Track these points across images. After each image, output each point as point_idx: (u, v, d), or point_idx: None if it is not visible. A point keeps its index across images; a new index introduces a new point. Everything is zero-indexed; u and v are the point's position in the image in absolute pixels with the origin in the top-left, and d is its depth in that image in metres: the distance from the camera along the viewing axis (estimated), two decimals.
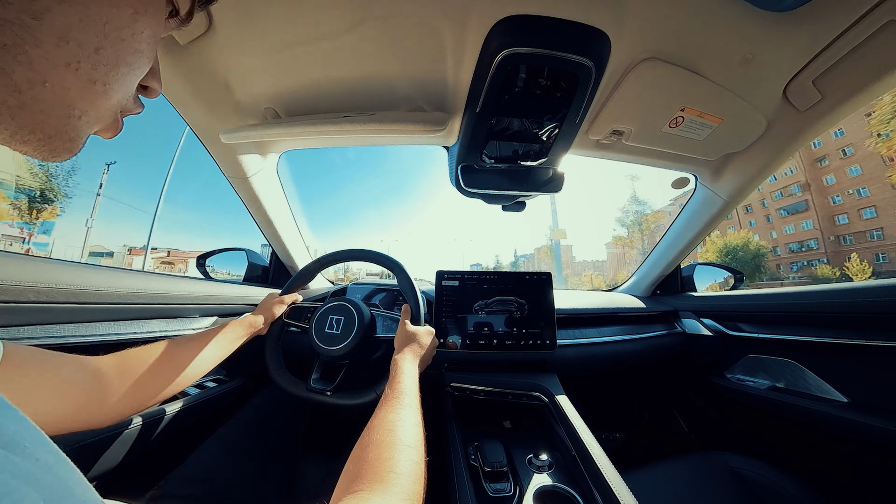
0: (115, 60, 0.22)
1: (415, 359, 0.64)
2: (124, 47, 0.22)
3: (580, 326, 1.09)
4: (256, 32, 0.59)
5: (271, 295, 0.82)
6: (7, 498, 0.12)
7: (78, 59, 0.20)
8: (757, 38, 0.56)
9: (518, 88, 0.61)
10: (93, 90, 0.22)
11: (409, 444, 0.40)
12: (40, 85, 0.20)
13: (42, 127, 0.21)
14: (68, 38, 0.19)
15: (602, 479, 0.55)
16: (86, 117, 0.23)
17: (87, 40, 0.20)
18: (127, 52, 0.23)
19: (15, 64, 0.18)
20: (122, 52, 0.22)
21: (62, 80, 0.20)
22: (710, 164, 0.95)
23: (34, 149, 0.22)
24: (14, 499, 0.12)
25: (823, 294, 0.85)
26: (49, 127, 0.21)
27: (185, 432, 0.74)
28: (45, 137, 0.22)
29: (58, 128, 0.22)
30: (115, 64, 0.22)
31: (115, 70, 0.23)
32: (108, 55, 0.22)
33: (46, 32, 0.19)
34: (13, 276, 0.47)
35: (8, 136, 0.21)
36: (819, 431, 0.83)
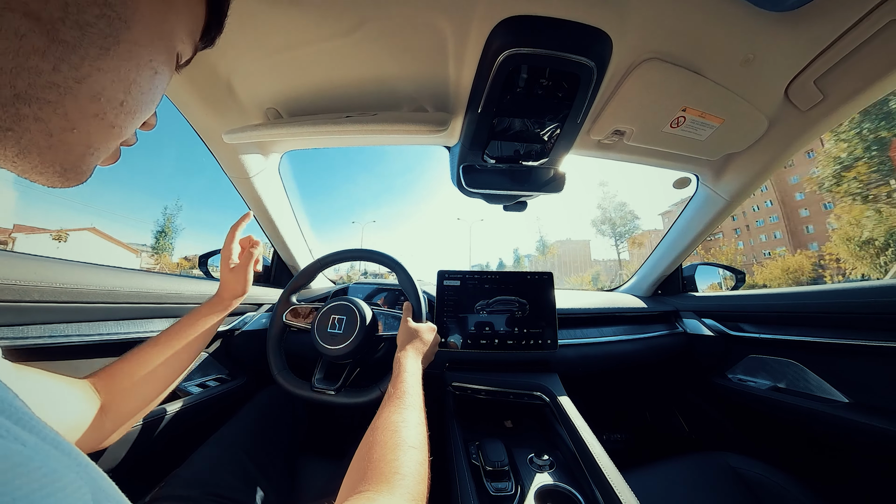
0: (134, 110, 0.26)
1: (417, 356, 0.64)
2: (143, 99, 0.26)
3: (581, 326, 1.09)
4: (259, 34, 0.59)
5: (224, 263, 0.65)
6: (63, 491, 0.13)
7: (105, 111, 0.24)
8: (758, 38, 0.56)
9: (520, 88, 0.61)
10: (111, 133, 0.26)
11: (413, 445, 0.41)
12: (69, 131, 0.23)
13: (61, 162, 0.24)
14: (101, 96, 0.23)
15: (603, 479, 0.55)
16: (97, 153, 0.26)
17: (115, 97, 0.24)
18: (146, 102, 0.27)
19: (53, 116, 0.22)
20: (140, 102, 0.26)
21: (88, 126, 0.24)
22: (711, 164, 0.95)
23: (48, 179, 0.25)
24: (70, 491, 0.13)
25: (825, 294, 0.85)
26: (68, 163, 0.24)
27: (186, 432, 0.74)
28: (61, 171, 0.24)
29: (74, 163, 0.25)
30: (133, 112, 0.26)
31: (132, 116, 0.26)
32: (129, 106, 0.25)
33: (84, 93, 0.22)
34: (17, 276, 0.47)
35: (29, 168, 0.23)
36: (820, 432, 0.83)
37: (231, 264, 0.65)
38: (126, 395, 0.48)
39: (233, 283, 0.64)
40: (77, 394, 0.42)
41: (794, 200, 48.26)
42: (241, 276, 0.65)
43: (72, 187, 0.28)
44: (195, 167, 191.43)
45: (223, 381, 0.88)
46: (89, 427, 0.41)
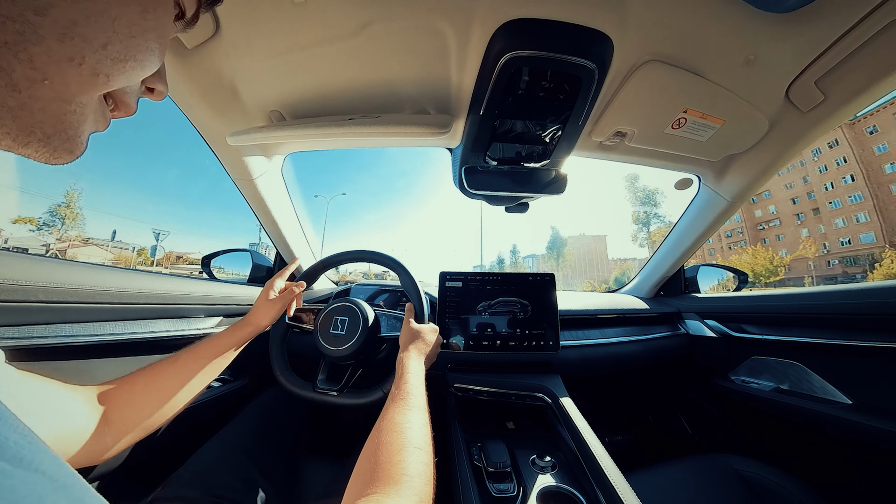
0: (124, 56, 0.22)
1: (420, 356, 0.64)
2: (134, 44, 0.22)
3: (583, 328, 1.09)
4: (262, 36, 0.59)
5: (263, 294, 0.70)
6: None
7: (83, 54, 0.19)
8: (759, 40, 0.57)
9: (521, 91, 0.61)
10: (94, 82, 0.21)
11: (419, 446, 0.41)
12: (40, 83, 0.19)
13: (41, 126, 0.20)
14: (73, 33, 0.19)
15: (605, 480, 0.55)
16: (81, 110, 0.22)
17: (93, 36, 0.19)
18: (137, 48, 0.22)
19: (15, 62, 0.18)
20: (132, 48, 0.22)
21: (63, 75, 0.19)
22: (713, 165, 0.95)
23: (35, 150, 0.21)
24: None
25: (828, 295, 0.84)
26: (47, 126, 0.21)
27: (188, 432, 0.74)
28: (44, 137, 0.21)
29: (55, 126, 0.21)
30: (123, 59, 0.22)
31: (122, 64, 0.22)
32: (116, 51, 0.21)
33: (49, 28, 0.18)
34: (23, 277, 0.48)
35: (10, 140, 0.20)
36: (823, 433, 0.82)
37: (271, 295, 0.70)
38: (133, 409, 0.46)
39: (263, 312, 0.68)
40: (79, 403, 0.40)
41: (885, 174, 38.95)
42: (275, 308, 0.69)
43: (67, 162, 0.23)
44: (195, 168, 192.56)
45: (225, 382, 0.89)
46: (89, 439, 0.40)
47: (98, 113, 0.24)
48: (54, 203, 40.64)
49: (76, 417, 0.39)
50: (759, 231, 52.49)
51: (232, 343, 0.62)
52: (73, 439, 0.38)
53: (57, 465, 0.16)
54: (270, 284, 0.71)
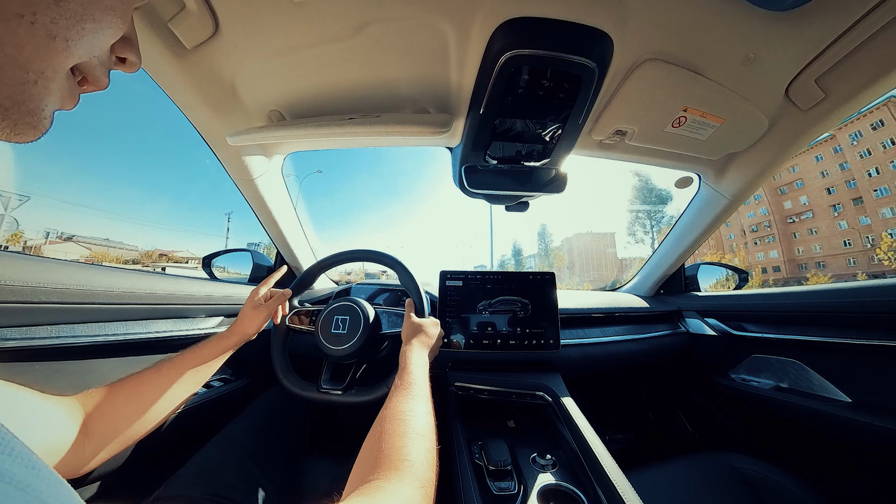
0: (80, 14, 0.19)
1: (423, 348, 0.64)
2: (91, 2, 0.20)
3: (583, 326, 1.09)
4: (262, 36, 0.59)
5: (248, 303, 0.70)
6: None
7: (33, 9, 0.17)
8: (759, 38, 0.56)
9: (521, 89, 0.61)
10: (51, 46, 0.19)
11: (421, 433, 0.41)
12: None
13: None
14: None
15: (606, 478, 0.55)
16: (43, 81, 0.20)
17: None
18: (95, 6, 0.20)
19: None
20: (87, 4, 0.20)
21: (14, 35, 0.17)
22: (713, 163, 0.95)
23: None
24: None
25: (828, 294, 0.84)
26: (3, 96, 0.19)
27: (189, 432, 0.74)
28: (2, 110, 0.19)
29: (13, 97, 0.19)
30: (79, 17, 0.19)
31: (79, 24, 0.20)
32: (70, 7, 0.19)
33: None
34: (23, 277, 0.48)
35: None
36: (823, 432, 0.82)
37: (256, 303, 0.70)
38: (113, 419, 0.45)
39: (249, 320, 0.68)
40: (57, 414, 0.38)
41: None
42: (260, 317, 0.69)
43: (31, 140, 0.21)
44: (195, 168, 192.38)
45: (226, 382, 0.89)
46: (68, 451, 0.38)
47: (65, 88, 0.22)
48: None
49: (54, 429, 0.37)
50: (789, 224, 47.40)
51: (216, 352, 0.61)
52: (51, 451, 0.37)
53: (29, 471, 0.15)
54: (255, 292, 0.71)
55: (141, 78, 0.71)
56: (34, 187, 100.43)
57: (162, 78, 0.64)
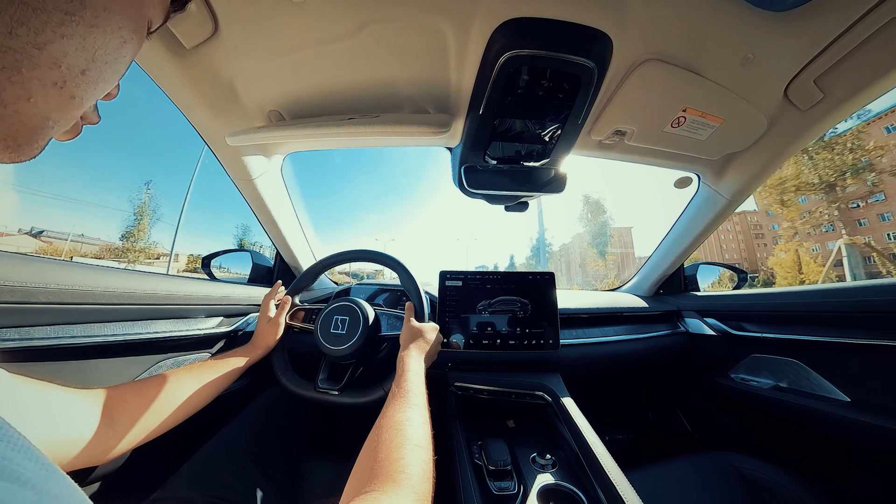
0: (97, 79, 0.24)
1: (420, 354, 0.65)
2: (107, 69, 0.24)
3: (583, 326, 1.09)
4: (261, 36, 0.59)
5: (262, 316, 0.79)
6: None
7: (65, 79, 0.22)
8: (757, 38, 0.57)
9: (521, 90, 0.61)
10: (71, 104, 0.23)
11: (418, 444, 0.41)
12: (25, 101, 0.21)
13: (15, 136, 0.22)
14: (61, 63, 0.21)
15: (606, 478, 0.55)
16: (56, 126, 0.24)
17: (76, 64, 0.22)
18: (109, 71, 0.25)
19: (8, 84, 0.20)
20: (104, 73, 0.24)
21: (46, 96, 0.22)
22: (712, 163, 0.95)
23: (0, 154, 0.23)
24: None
25: (827, 293, 0.85)
26: (22, 136, 0.22)
27: (188, 433, 0.74)
28: (14, 144, 0.22)
29: (29, 137, 0.23)
30: (95, 82, 0.24)
31: (94, 87, 0.24)
32: (92, 76, 0.23)
33: (44, 59, 0.20)
34: (24, 278, 0.48)
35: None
36: (822, 431, 0.83)
37: (268, 317, 0.78)
38: (142, 413, 0.48)
39: (266, 332, 0.77)
40: (81, 406, 0.41)
41: None
42: (275, 326, 0.78)
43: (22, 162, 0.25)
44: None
45: None
46: (91, 441, 0.40)
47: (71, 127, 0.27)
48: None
49: (76, 420, 0.40)
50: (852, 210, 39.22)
51: (243, 361, 0.69)
52: (74, 442, 0.39)
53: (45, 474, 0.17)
54: (266, 308, 0.79)
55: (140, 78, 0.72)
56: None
57: (161, 78, 0.64)
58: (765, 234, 64.33)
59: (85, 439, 0.40)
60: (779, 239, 40.25)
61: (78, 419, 0.40)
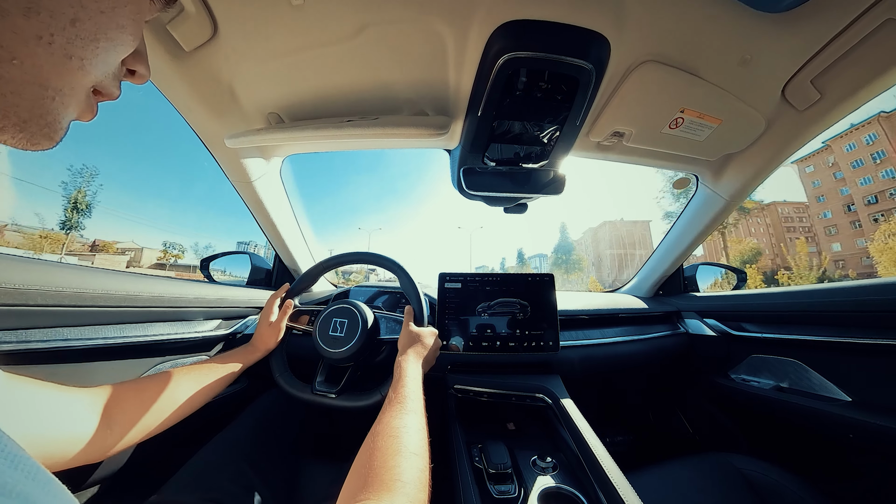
0: (94, 34, 0.21)
1: (418, 359, 0.64)
2: (104, 20, 0.21)
3: (583, 328, 1.09)
4: (261, 39, 0.59)
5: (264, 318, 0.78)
6: None
7: (51, 31, 0.19)
8: (755, 39, 0.57)
9: (519, 92, 0.61)
10: (68, 66, 0.20)
11: (415, 452, 0.40)
12: (8, 62, 0.18)
13: (15, 110, 0.19)
14: (38, 7, 0.18)
15: (606, 480, 0.55)
16: (60, 97, 0.21)
17: (60, 11, 0.18)
18: (108, 25, 0.21)
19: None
20: (101, 25, 0.21)
21: (33, 55, 0.18)
22: (710, 164, 0.95)
23: (11, 136, 0.20)
24: None
25: (827, 293, 0.84)
26: (22, 110, 0.20)
27: (185, 436, 0.74)
28: (19, 122, 0.20)
29: (32, 110, 0.20)
30: (93, 38, 0.21)
31: (93, 44, 0.21)
32: (85, 28, 0.20)
33: (12, 2, 0.17)
34: (20, 280, 0.47)
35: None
36: (824, 431, 0.82)
37: (272, 318, 0.78)
38: (141, 412, 0.48)
39: (267, 335, 0.76)
40: (79, 405, 0.41)
41: None
42: (276, 329, 0.77)
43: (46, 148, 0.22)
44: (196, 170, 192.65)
45: None
46: (88, 439, 0.40)
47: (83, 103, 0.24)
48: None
49: (74, 418, 0.40)
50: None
51: (241, 363, 0.68)
52: (71, 440, 0.39)
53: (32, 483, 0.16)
54: (269, 310, 0.78)
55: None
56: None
57: (160, 80, 0.64)
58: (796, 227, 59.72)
59: (83, 438, 0.40)
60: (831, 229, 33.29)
61: (76, 417, 0.40)
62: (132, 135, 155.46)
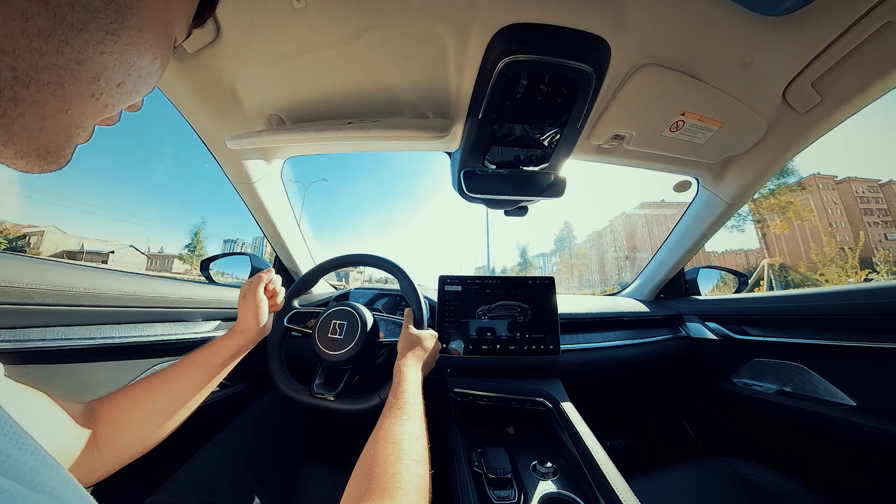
0: (130, 91, 0.25)
1: (418, 363, 0.64)
2: (140, 82, 0.26)
3: (584, 331, 1.08)
4: (263, 41, 0.60)
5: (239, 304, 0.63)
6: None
7: (102, 91, 0.23)
8: (755, 42, 0.57)
9: (519, 95, 0.62)
10: (103, 112, 0.25)
11: (415, 459, 0.40)
12: (63, 113, 0.22)
13: (46, 145, 0.23)
14: (101, 77, 0.22)
15: (608, 486, 0.54)
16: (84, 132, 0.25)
17: (114, 78, 0.23)
18: (141, 84, 0.26)
19: (51, 98, 0.21)
20: (137, 85, 0.26)
21: (83, 107, 0.23)
22: (711, 167, 0.95)
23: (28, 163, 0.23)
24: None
25: (830, 296, 0.84)
26: (53, 145, 0.23)
27: (183, 437, 0.73)
28: (44, 153, 0.23)
29: (60, 145, 0.24)
30: (129, 93, 0.25)
31: (126, 97, 0.25)
32: (126, 87, 0.25)
33: (85, 74, 0.21)
34: (19, 279, 0.47)
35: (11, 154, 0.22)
36: (828, 436, 0.81)
37: (242, 294, 0.63)
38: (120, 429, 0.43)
39: (243, 313, 0.62)
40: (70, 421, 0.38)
41: None
42: (250, 304, 0.62)
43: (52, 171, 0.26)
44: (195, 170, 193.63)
45: (222, 386, 0.88)
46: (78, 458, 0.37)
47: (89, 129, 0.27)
48: None
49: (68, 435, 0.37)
50: None
51: (222, 354, 0.57)
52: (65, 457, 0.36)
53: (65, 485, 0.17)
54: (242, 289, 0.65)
55: None
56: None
57: (163, 82, 0.65)
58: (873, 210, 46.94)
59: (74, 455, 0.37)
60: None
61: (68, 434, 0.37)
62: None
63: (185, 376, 0.52)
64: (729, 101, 0.68)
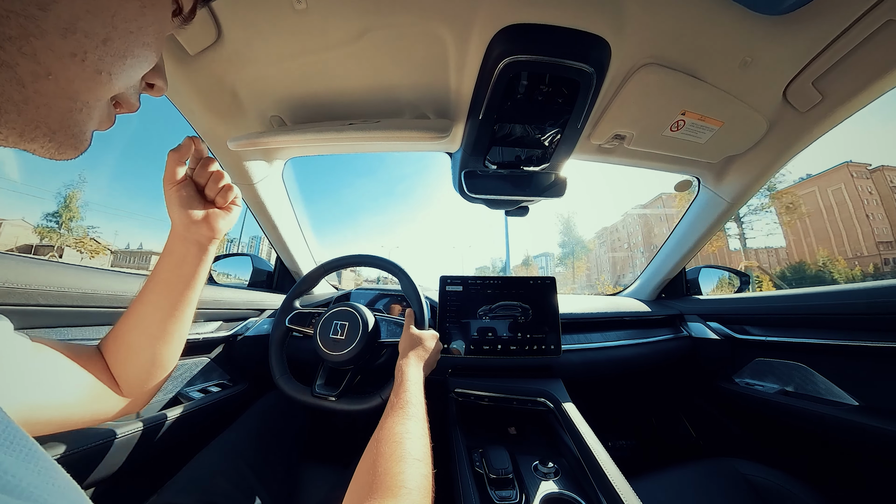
0: (123, 52, 0.22)
1: (419, 363, 0.64)
2: (132, 39, 0.23)
3: (585, 331, 1.08)
4: (264, 43, 0.60)
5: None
6: None
7: (84, 49, 0.20)
8: (756, 41, 0.57)
9: (520, 95, 0.62)
10: (98, 80, 0.22)
11: (418, 458, 0.40)
12: (44, 78, 0.19)
13: (46, 121, 0.21)
14: (75, 28, 0.19)
15: (609, 486, 0.54)
16: (87, 109, 0.23)
17: (94, 31, 0.20)
18: (135, 44, 0.23)
19: (19, 56, 0.18)
20: (130, 43, 0.23)
21: (66, 71, 0.20)
22: (712, 166, 0.95)
23: (41, 146, 0.22)
24: None
25: (832, 295, 0.84)
26: (52, 121, 0.21)
27: (186, 438, 0.74)
28: (49, 132, 0.21)
29: (61, 122, 0.22)
30: (122, 55, 0.22)
31: (121, 61, 0.23)
32: (116, 46, 0.22)
33: (52, 23, 0.18)
34: (24, 280, 0.48)
35: (16, 135, 0.20)
36: (830, 436, 0.81)
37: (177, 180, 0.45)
38: (130, 355, 0.44)
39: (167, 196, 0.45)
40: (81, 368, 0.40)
41: None
42: (172, 186, 0.44)
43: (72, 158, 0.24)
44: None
45: (224, 387, 0.88)
46: (100, 400, 0.41)
47: (104, 114, 0.25)
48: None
49: (84, 379, 0.40)
50: None
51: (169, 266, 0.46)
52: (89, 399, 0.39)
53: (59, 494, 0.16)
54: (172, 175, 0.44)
55: None
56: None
57: None
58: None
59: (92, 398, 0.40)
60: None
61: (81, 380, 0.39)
62: None
63: (155, 292, 0.46)
64: (729, 100, 0.68)
